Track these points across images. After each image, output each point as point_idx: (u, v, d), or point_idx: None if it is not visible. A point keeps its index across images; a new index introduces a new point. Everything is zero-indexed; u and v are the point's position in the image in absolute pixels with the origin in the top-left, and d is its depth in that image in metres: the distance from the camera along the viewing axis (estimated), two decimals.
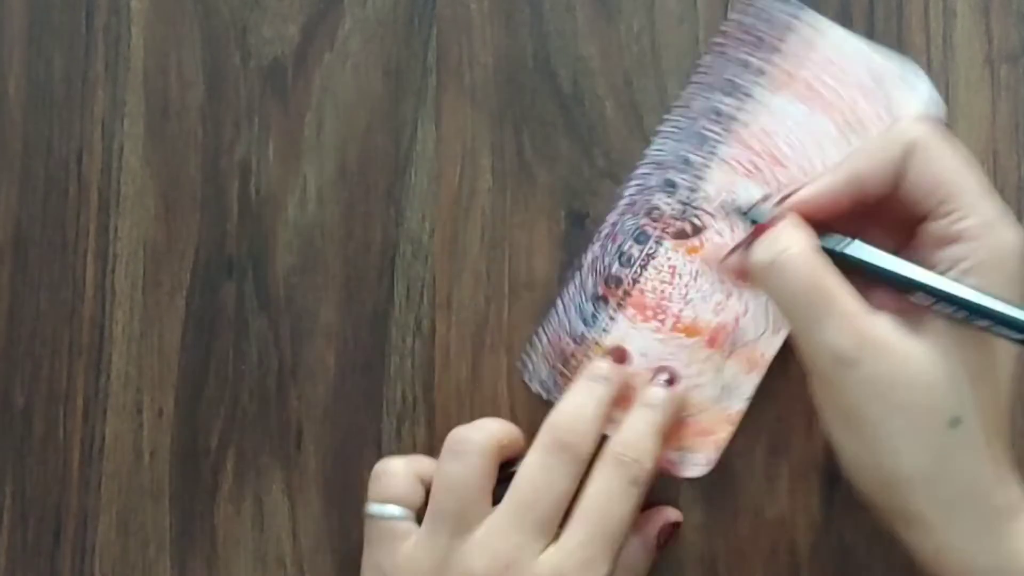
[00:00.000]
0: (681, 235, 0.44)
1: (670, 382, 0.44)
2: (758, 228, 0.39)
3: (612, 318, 0.45)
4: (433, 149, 0.47)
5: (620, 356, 0.44)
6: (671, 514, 0.44)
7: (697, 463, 0.44)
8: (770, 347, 0.44)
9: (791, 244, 0.37)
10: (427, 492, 0.42)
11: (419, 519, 0.42)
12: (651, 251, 0.45)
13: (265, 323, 0.47)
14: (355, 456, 0.46)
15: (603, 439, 0.42)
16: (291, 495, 0.46)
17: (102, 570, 0.47)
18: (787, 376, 0.44)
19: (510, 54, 0.46)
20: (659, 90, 0.45)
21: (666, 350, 0.44)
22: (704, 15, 0.45)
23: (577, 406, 0.42)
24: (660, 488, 0.44)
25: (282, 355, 0.47)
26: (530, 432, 0.42)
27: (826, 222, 0.38)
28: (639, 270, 0.45)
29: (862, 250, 0.38)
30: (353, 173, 0.47)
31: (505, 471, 0.42)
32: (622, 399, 0.43)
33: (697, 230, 0.44)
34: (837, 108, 0.44)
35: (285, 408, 0.47)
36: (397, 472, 0.42)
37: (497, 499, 0.41)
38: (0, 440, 0.48)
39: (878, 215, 0.38)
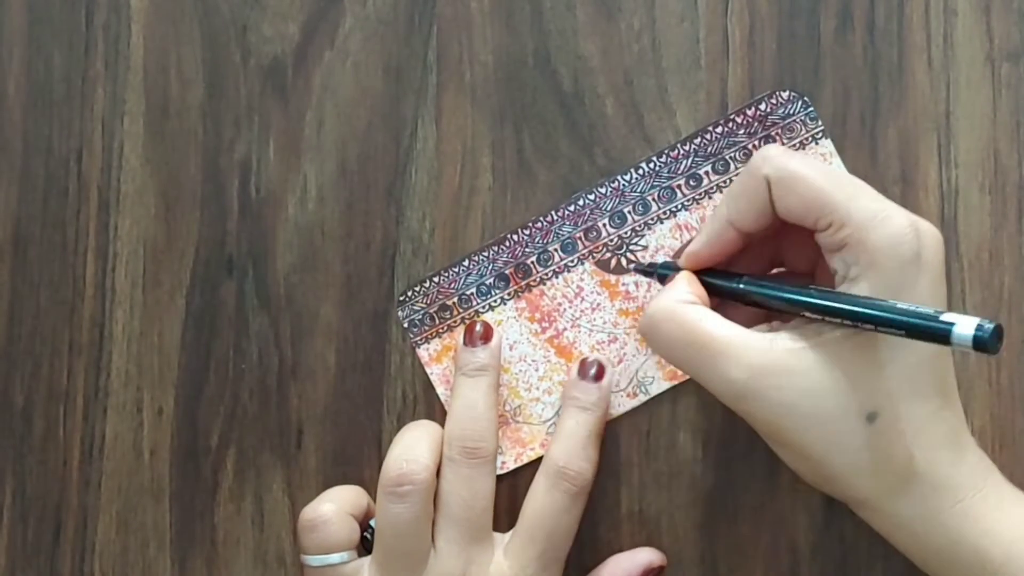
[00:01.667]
0: (604, 266, 0.45)
1: (599, 376, 0.44)
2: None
3: (503, 300, 0.45)
4: (433, 148, 0.47)
5: (488, 334, 0.44)
6: (656, 558, 0.44)
7: (496, 465, 0.44)
8: (619, 407, 0.45)
9: (658, 305, 0.39)
10: (359, 522, 0.43)
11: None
12: (570, 264, 0.45)
13: (265, 322, 0.47)
14: (355, 455, 0.46)
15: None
16: (291, 494, 0.46)
17: (102, 569, 0.47)
18: None
19: (510, 53, 0.46)
20: (659, 89, 0.45)
21: (532, 353, 0.45)
22: (704, 13, 0.45)
23: (467, 407, 0.43)
24: (661, 487, 0.44)
25: (282, 354, 0.47)
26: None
27: (730, 260, 0.41)
28: (551, 274, 0.45)
29: (750, 285, 0.40)
30: (353, 172, 0.47)
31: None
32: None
33: (620, 270, 0.45)
34: None
35: (285, 407, 0.47)
36: (330, 519, 0.43)
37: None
38: (0, 439, 0.48)
39: (792, 229, 0.39)
